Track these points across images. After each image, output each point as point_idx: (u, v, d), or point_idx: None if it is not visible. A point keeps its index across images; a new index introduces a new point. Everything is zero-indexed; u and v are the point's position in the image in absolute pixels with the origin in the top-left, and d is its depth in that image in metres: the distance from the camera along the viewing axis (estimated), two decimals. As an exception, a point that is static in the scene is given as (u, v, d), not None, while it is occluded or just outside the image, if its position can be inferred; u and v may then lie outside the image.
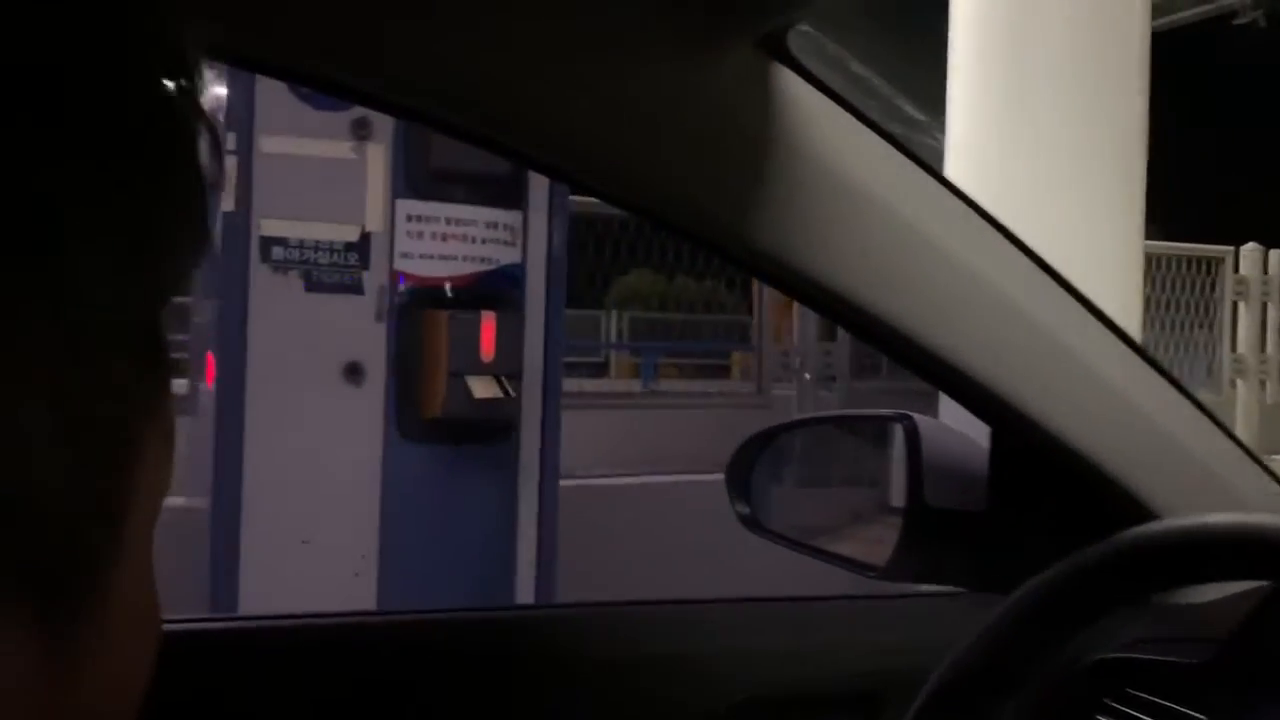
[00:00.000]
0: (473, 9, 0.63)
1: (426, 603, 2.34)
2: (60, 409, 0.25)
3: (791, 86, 0.70)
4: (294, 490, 2.35)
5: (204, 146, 0.29)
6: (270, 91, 2.30)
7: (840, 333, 4.84)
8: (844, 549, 1.11)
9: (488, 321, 2.35)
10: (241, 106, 2.31)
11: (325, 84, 0.72)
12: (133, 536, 0.28)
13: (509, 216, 2.50)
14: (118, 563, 0.27)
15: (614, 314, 9.65)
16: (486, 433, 2.46)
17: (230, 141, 2.31)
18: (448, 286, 2.43)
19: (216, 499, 2.35)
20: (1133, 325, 3.07)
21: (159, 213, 0.27)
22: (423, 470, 2.43)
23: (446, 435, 2.42)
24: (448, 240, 2.43)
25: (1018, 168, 3.01)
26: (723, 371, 8.08)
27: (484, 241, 2.46)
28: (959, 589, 0.95)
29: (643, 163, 0.70)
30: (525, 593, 2.53)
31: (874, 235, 0.74)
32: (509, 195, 2.49)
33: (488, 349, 2.33)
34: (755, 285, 4.85)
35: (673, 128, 0.68)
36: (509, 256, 2.50)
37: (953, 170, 3.13)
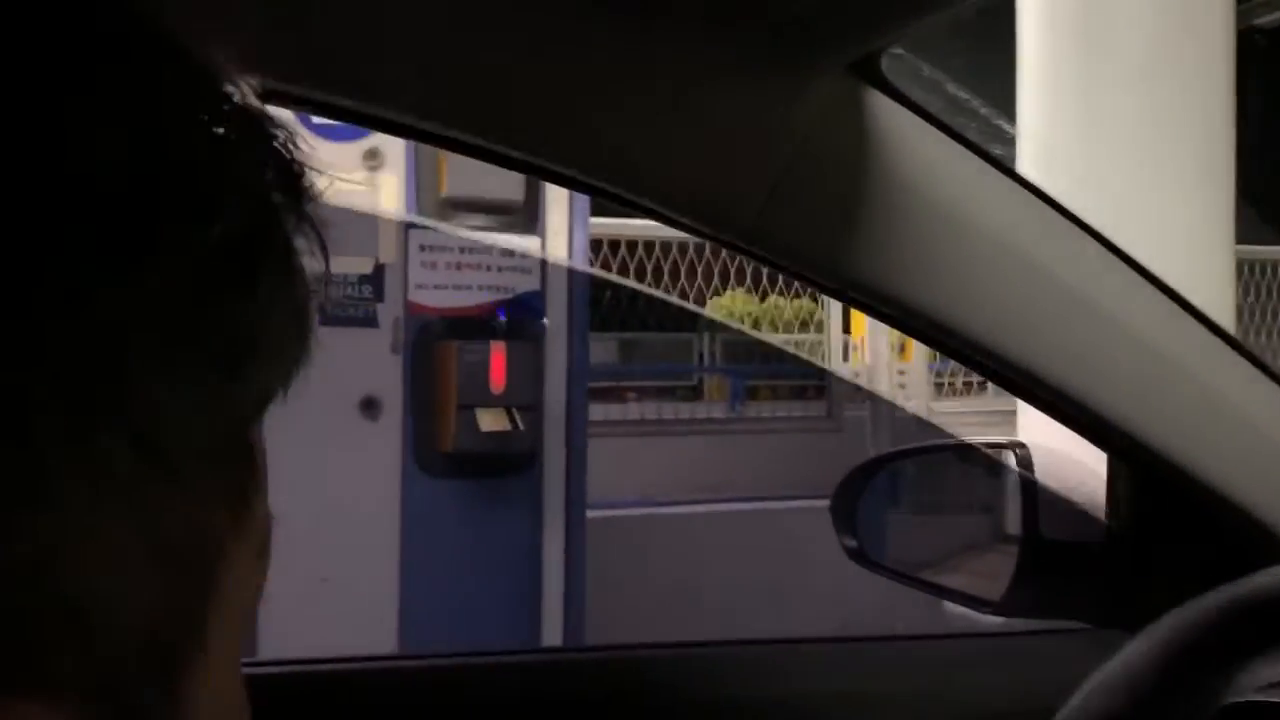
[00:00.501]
0: (555, 40, 0.62)
1: (449, 640, 2.29)
2: (143, 530, 0.26)
3: (886, 111, 0.69)
4: (312, 526, 2.33)
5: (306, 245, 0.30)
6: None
7: (916, 350, 4.64)
8: (956, 581, 1.11)
9: (497, 352, 2.29)
10: (252, 142, 2.32)
11: (399, 129, 0.70)
12: (215, 645, 0.28)
13: (526, 243, 2.44)
14: (196, 669, 0.28)
15: (705, 336, 9.60)
16: (504, 466, 2.39)
17: (241, 177, 2.32)
18: (461, 317, 2.38)
19: (237, 537, 2.35)
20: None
21: (247, 327, 0.28)
22: (443, 505, 2.38)
23: (464, 469, 2.37)
24: (462, 269, 2.39)
25: (1094, 170, 2.82)
26: (819, 392, 7.93)
27: (500, 270, 2.41)
28: (1079, 625, 0.92)
29: (732, 193, 0.68)
30: (552, 628, 2.46)
31: (977, 259, 0.73)
32: (525, 222, 2.43)
33: (497, 380, 2.27)
34: (829, 303, 4.70)
35: (762, 155, 0.67)
36: (527, 284, 2.43)
37: (1026, 167, 2.96)
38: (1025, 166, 3.06)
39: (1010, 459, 0.96)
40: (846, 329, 5.91)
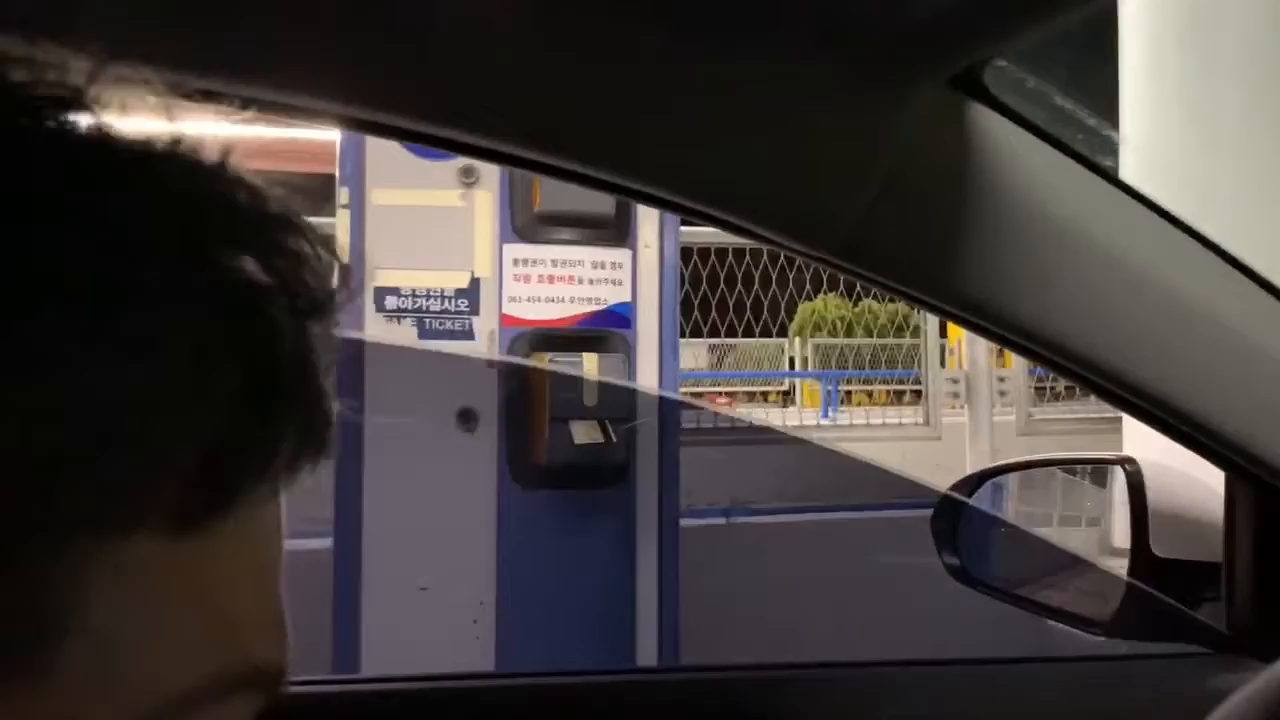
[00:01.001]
0: (647, 58, 0.62)
1: (547, 651, 2.32)
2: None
3: (989, 123, 0.68)
4: (411, 536, 2.38)
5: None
6: (381, 144, 2.36)
7: (1016, 356, 4.53)
8: (1062, 601, 1.08)
9: (589, 364, 2.31)
10: (353, 160, 2.38)
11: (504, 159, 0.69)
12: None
13: (617, 255, 2.45)
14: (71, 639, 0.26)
15: (797, 341, 9.49)
16: (597, 478, 2.41)
17: (343, 196, 2.39)
18: (554, 329, 2.40)
19: (338, 544, 2.41)
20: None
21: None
22: (538, 517, 2.41)
23: (558, 481, 2.39)
24: (554, 282, 2.41)
25: (1201, 178, 2.72)
26: (915, 397, 7.78)
27: (591, 282, 2.43)
28: (1193, 649, 0.89)
29: (829, 208, 0.68)
30: (646, 638, 2.46)
31: (1086, 272, 0.71)
32: (616, 235, 2.45)
33: (590, 392, 2.29)
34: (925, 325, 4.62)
35: (861, 170, 0.67)
36: (618, 296, 2.45)
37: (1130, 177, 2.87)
38: (1130, 176, 2.97)
39: (1119, 475, 0.93)
40: (944, 333, 5.80)
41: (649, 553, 2.49)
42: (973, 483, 1.11)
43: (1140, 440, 0.80)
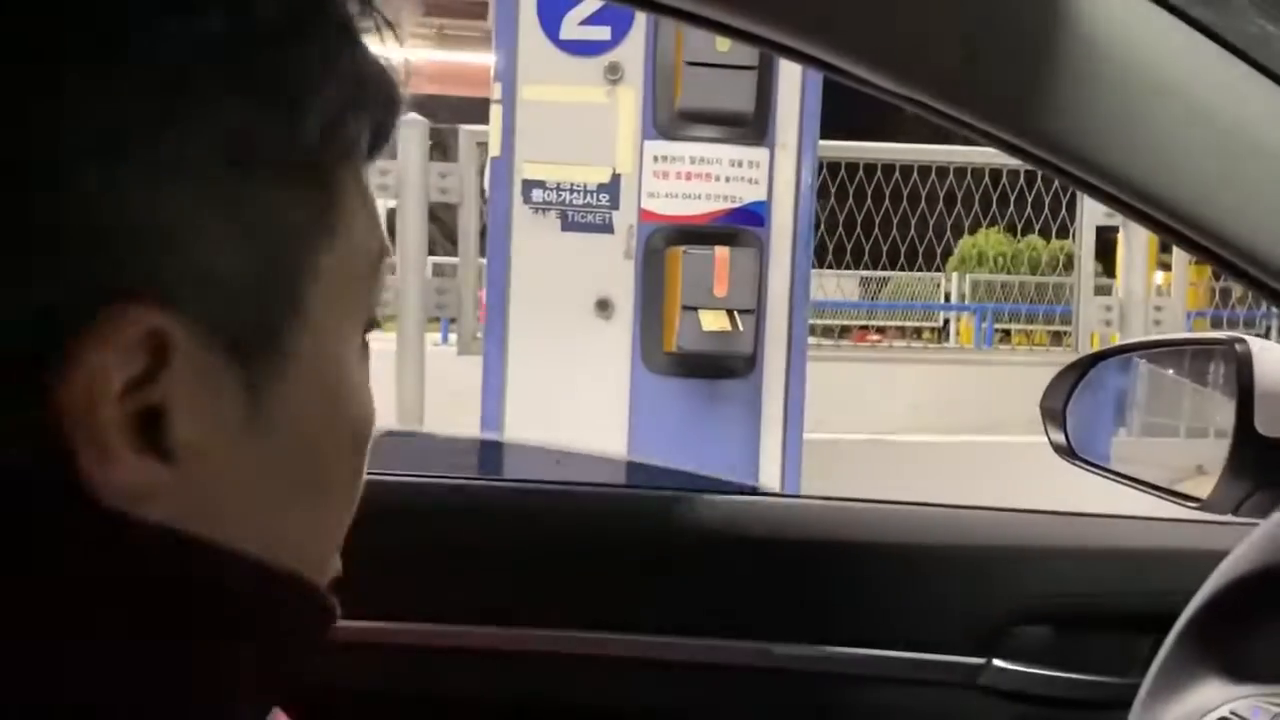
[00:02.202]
0: None
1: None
2: (232, 220, 0.35)
3: None
4: (550, 415, 2.54)
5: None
6: (532, 42, 2.48)
7: (1175, 288, 4.35)
8: (1166, 478, 1.09)
9: (721, 256, 2.39)
10: (505, 58, 2.51)
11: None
12: (315, 314, 0.38)
13: (754, 154, 2.51)
14: (295, 330, 0.37)
15: (954, 276, 9.23)
16: (725, 367, 2.50)
17: (496, 91, 2.52)
18: (689, 224, 2.49)
19: (484, 420, 2.59)
20: None
21: (303, 70, 0.37)
22: (666, 402, 2.53)
23: (687, 368, 2.50)
24: (692, 179, 2.50)
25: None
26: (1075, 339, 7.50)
27: (728, 180, 2.50)
28: None
29: (924, 54, 0.70)
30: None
31: (1189, 132, 0.70)
32: (754, 134, 2.51)
33: (720, 284, 2.38)
34: (1081, 234, 4.46)
35: (955, 19, 0.68)
36: (753, 194, 2.52)
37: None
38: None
39: (1230, 355, 0.93)
40: (1111, 272, 5.57)
41: (772, 445, 2.58)
42: (1084, 365, 1.12)
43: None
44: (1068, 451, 1.11)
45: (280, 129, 0.36)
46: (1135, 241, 4.07)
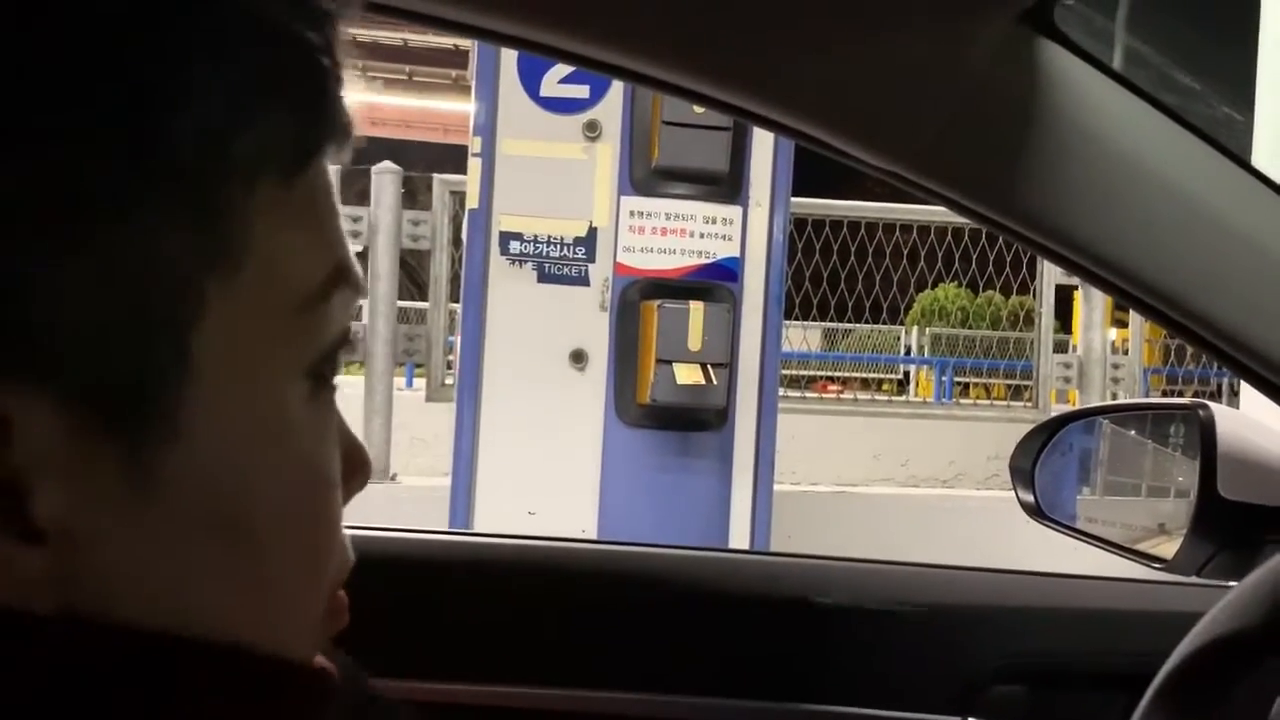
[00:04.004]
0: None
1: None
2: (78, 265, 0.30)
3: (1058, 60, 0.70)
4: (523, 464, 2.56)
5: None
6: (512, 98, 2.53)
7: (1132, 346, 4.46)
8: (1130, 539, 1.10)
9: (695, 311, 2.44)
10: (486, 113, 2.55)
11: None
12: (213, 373, 0.32)
13: (728, 211, 2.57)
14: (187, 389, 0.32)
15: (914, 329, 9.37)
16: (697, 420, 2.54)
17: (475, 145, 2.57)
18: (664, 278, 2.54)
19: (456, 469, 2.60)
20: None
21: (148, 66, 0.30)
22: (639, 453, 2.55)
23: (660, 420, 2.53)
24: (667, 235, 2.54)
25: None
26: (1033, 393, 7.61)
27: (702, 236, 2.55)
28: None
29: (903, 131, 0.72)
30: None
31: (1154, 209, 0.73)
32: (728, 192, 2.56)
33: (695, 338, 2.42)
34: (1045, 300, 4.57)
35: (934, 95, 0.70)
36: (726, 250, 2.57)
37: (1264, 150, 2.83)
38: (1262, 158, 2.92)
39: (1193, 419, 0.94)
40: (1068, 329, 5.68)
41: (743, 497, 2.61)
42: (1052, 427, 1.14)
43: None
44: (1036, 511, 1.14)
45: (128, 145, 0.30)
46: (1094, 300, 4.18)
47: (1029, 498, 1.14)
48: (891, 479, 4.37)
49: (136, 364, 0.31)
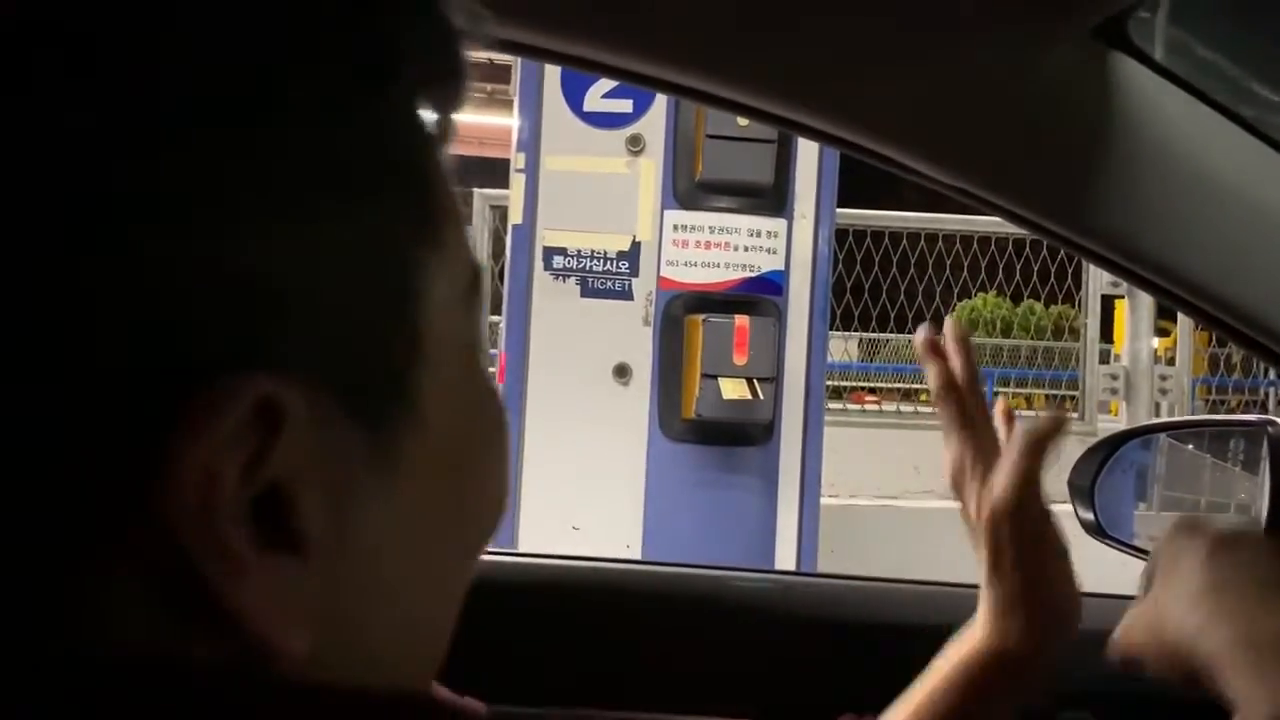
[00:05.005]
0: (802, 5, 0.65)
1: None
2: (332, 248, 0.28)
3: (1132, 73, 0.69)
4: (567, 479, 2.55)
5: None
6: (556, 114, 2.53)
7: (1180, 356, 4.39)
8: None
9: (741, 325, 2.42)
10: (529, 128, 2.56)
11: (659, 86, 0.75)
12: (433, 352, 0.31)
13: (772, 224, 2.55)
14: (419, 377, 0.30)
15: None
16: (742, 435, 2.52)
17: (519, 160, 2.57)
18: (708, 292, 2.53)
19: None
20: None
21: (380, 47, 0.30)
22: (683, 467, 2.54)
23: (705, 435, 2.51)
24: (711, 248, 2.53)
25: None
26: (1074, 404, 7.50)
27: (746, 249, 2.54)
28: None
29: (975, 142, 0.71)
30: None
31: (1230, 223, 0.72)
32: (773, 205, 2.55)
33: (740, 352, 2.40)
34: (1089, 309, 4.51)
35: (1007, 112, 0.70)
36: (771, 264, 2.55)
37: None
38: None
39: (1260, 436, 0.93)
40: (1107, 337, 5.61)
41: (788, 512, 2.58)
42: (1113, 442, 1.12)
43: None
44: (1097, 530, 1.11)
45: (369, 120, 0.30)
46: (1140, 309, 4.12)
47: (1089, 515, 1.11)
48: (932, 491, 4.32)
49: (383, 345, 0.30)
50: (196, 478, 0.26)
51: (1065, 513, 1.15)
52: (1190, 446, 1.46)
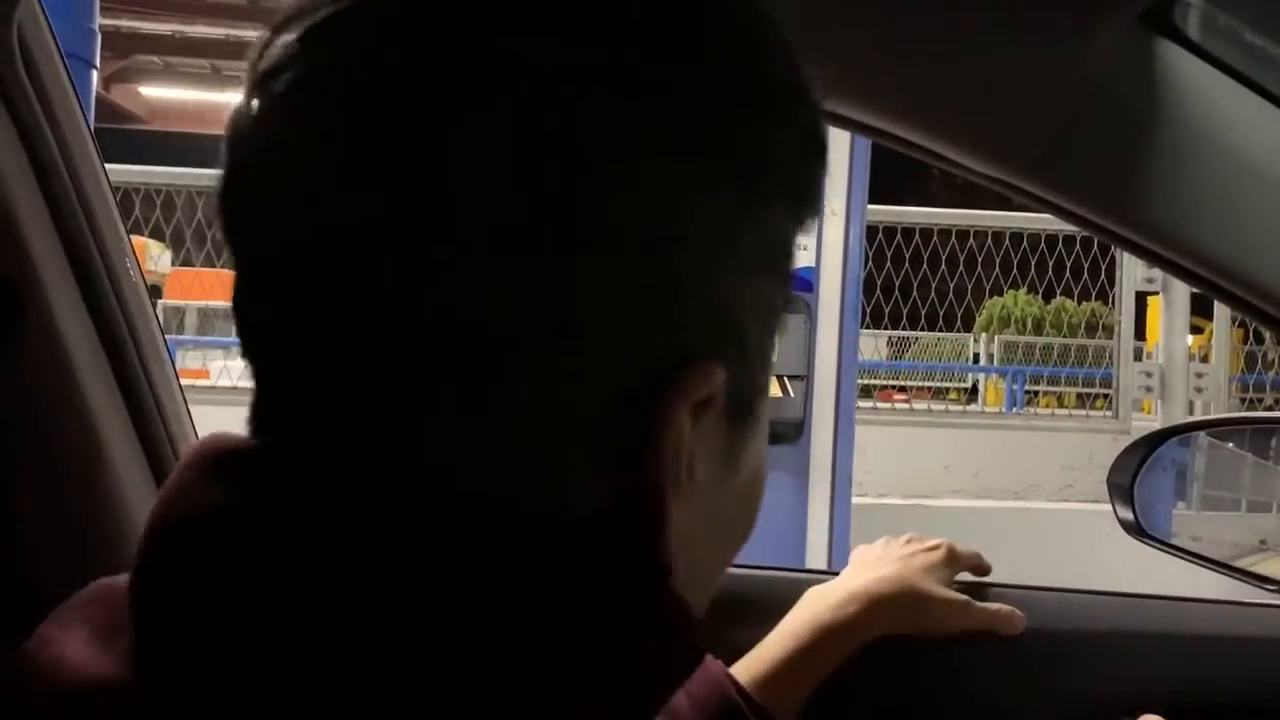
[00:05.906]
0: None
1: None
2: (759, 298, 0.41)
3: (1178, 61, 0.69)
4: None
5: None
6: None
7: (1215, 353, 4.33)
8: (1245, 560, 1.13)
9: (771, 322, 2.41)
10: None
11: None
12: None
13: (803, 222, 2.54)
14: (762, 399, 0.41)
15: (983, 337, 9.20)
16: (773, 433, 2.49)
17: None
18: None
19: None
20: None
21: (816, 175, 0.43)
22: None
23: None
24: (741, 245, 2.52)
25: None
26: (1108, 402, 7.42)
27: (777, 246, 2.52)
28: None
29: (1018, 132, 0.71)
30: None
31: (1273, 206, 0.71)
32: (803, 201, 2.53)
33: (770, 349, 2.39)
34: (1122, 307, 4.46)
35: (1051, 99, 0.69)
36: (802, 260, 2.54)
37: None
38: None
39: None
40: (1140, 335, 5.53)
41: (820, 511, 2.57)
42: (1153, 441, 1.11)
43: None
44: (1136, 529, 1.09)
45: (792, 217, 0.41)
46: (1175, 305, 4.06)
47: (1128, 515, 1.10)
48: (962, 490, 4.29)
49: (762, 372, 0.41)
50: (676, 433, 0.36)
51: (1104, 512, 1.13)
52: (1230, 445, 1.44)
